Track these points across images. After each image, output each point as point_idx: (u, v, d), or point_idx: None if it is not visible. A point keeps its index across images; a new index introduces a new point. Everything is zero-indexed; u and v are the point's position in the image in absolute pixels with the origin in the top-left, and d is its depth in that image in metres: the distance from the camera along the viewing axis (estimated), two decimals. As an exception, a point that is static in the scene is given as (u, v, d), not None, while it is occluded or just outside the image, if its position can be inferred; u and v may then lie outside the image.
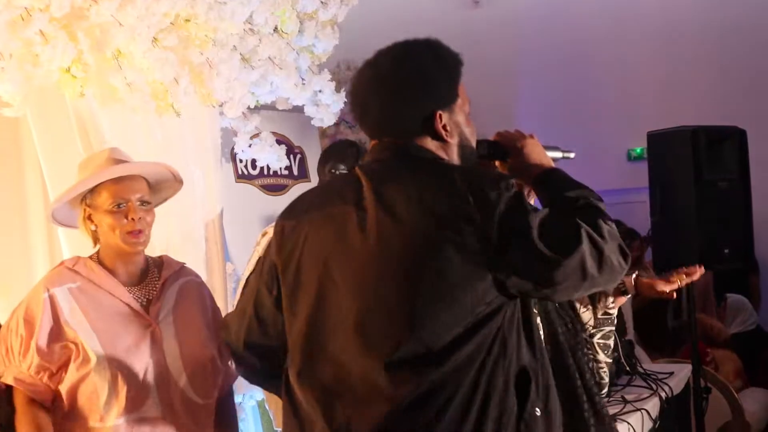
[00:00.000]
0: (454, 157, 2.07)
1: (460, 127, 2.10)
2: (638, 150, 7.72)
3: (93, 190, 2.54)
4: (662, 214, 4.62)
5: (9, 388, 2.52)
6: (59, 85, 2.98)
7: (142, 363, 2.47)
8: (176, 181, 2.73)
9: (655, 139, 4.70)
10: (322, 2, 3.83)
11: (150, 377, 2.48)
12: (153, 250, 2.82)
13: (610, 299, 2.87)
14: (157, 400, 2.49)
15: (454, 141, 2.07)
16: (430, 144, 2.05)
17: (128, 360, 2.46)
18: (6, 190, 3.42)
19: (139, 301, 2.56)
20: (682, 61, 7.62)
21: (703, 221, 4.48)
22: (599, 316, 2.86)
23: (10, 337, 2.50)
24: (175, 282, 2.66)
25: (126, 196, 2.52)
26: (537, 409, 1.90)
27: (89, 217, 2.56)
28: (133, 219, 2.50)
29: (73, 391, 2.48)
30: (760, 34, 7.38)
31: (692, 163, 4.50)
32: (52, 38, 2.83)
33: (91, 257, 2.61)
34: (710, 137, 4.58)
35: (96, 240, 2.59)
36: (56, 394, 2.51)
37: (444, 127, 2.05)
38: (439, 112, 2.05)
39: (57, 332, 2.46)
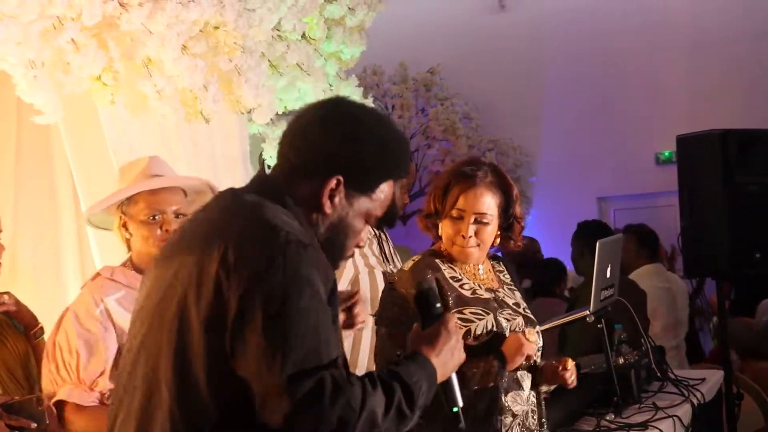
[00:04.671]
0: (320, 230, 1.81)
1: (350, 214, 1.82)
2: (666, 153, 7.67)
3: (130, 199, 2.56)
4: (692, 218, 4.58)
5: (59, 403, 2.47)
6: (90, 92, 3.01)
7: None
8: (213, 194, 2.74)
9: (684, 142, 4.67)
10: (349, 8, 3.83)
11: None
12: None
13: None
14: None
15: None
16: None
17: None
18: (37, 196, 3.46)
19: None
20: (710, 65, 7.56)
21: (734, 225, 4.44)
22: None
23: (61, 354, 2.47)
24: None
25: (162, 208, 2.54)
26: None
27: (124, 225, 2.58)
28: (167, 230, 2.51)
29: None
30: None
31: (722, 166, 4.46)
32: (83, 46, 2.86)
33: (124, 264, 2.62)
34: (740, 141, 4.54)
35: (129, 247, 2.61)
36: None
37: (332, 195, 1.78)
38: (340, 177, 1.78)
39: (121, 345, 2.44)
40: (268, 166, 5.20)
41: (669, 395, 3.67)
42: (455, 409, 1.93)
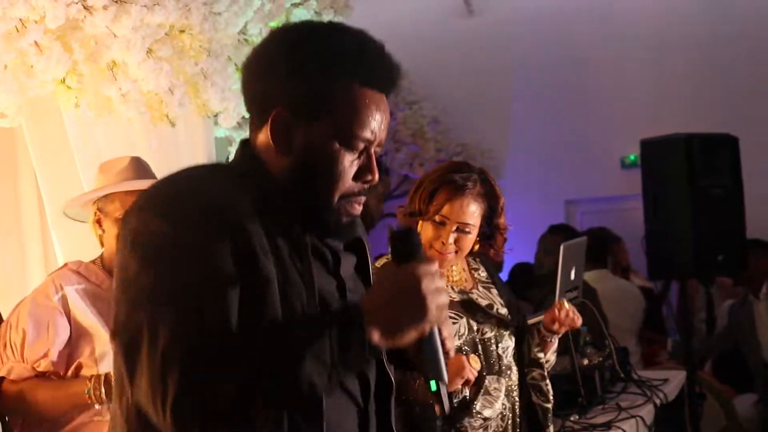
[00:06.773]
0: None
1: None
2: (632, 157, 7.73)
3: (106, 197, 2.61)
4: (656, 221, 4.64)
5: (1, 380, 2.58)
6: (54, 95, 2.99)
7: None
8: None
9: (648, 146, 4.73)
10: (316, 12, 3.84)
11: None
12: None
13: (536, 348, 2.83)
14: None
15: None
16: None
17: None
18: (1, 199, 3.44)
19: None
20: (675, 69, 7.65)
21: (697, 228, 4.51)
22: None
23: (10, 333, 2.54)
24: None
25: None
26: None
27: (98, 221, 2.63)
28: None
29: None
30: (753, 43, 7.41)
31: (686, 170, 4.53)
32: (47, 49, 2.84)
33: (94, 262, 2.66)
34: (704, 144, 4.61)
35: (102, 243, 2.65)
36: None
37: (281, 130, 1.57)
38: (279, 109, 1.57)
39: (74, 334, 2.52)
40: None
41: (632, 396, 3.72)
42: (433, 385, 1.42)
